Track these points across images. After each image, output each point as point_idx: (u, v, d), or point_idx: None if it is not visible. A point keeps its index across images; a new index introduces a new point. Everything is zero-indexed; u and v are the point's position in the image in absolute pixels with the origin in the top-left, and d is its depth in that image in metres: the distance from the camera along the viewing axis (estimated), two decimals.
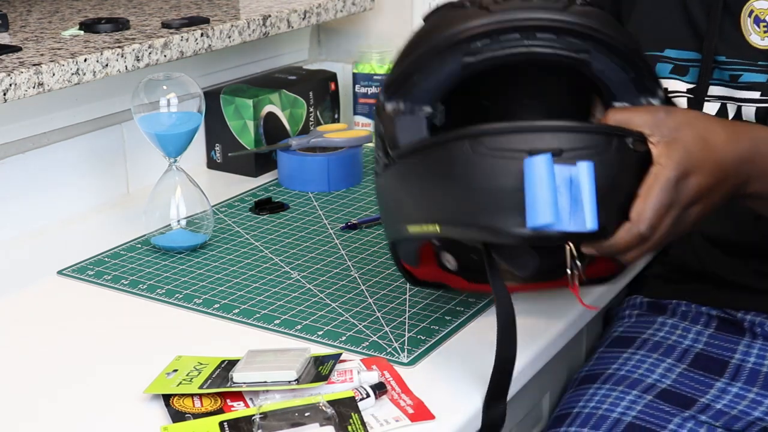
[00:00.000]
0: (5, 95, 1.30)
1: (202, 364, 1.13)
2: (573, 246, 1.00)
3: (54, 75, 1.35)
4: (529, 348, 1.21)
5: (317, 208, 1.61)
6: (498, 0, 1.03)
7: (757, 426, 1.26)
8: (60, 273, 1.40)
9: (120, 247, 1.45)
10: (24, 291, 1.35)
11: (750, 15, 1.28)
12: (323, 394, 1.06)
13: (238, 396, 1.08)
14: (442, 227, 1.02)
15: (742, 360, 1.32)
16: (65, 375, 1.15)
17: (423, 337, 1.21)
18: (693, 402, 1.27)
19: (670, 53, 1.35)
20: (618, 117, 1.00)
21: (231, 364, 1.12)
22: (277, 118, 1.77)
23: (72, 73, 1.38)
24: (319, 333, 1.21)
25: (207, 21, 1.61)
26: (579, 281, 1.01)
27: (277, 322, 1.24)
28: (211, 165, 1.79)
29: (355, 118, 1.94)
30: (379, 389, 1.07)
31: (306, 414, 1.02)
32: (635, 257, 1.00)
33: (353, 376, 1.09)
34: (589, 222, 0.94)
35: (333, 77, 1.89)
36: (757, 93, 1.28)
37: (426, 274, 1.20)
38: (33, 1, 1.76)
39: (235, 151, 1.74)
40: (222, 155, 1.77)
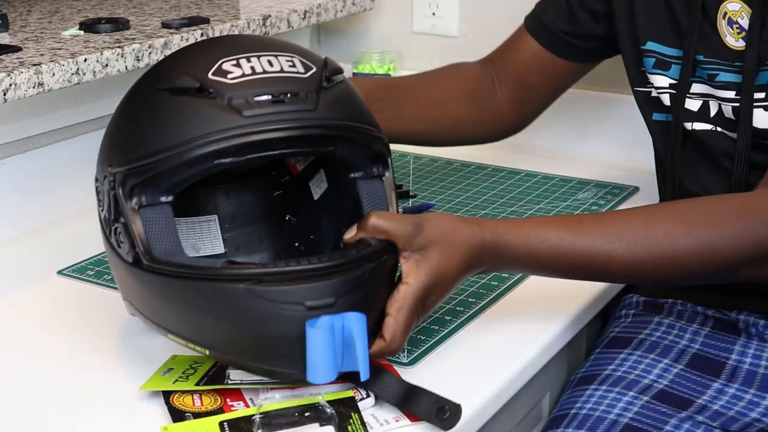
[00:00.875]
0: (5, 95, 1.30)
1: (197, 362, 1.13)
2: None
3: (54, 75, 1.36)
4: (529, 348, 1.21)
5: None
6: (250, 101, 1.04)
7: (755, 427, 1.26)
8: (60, 273, 1.40)
9: None
10: (24, 291, 1.35)
11: (724, 17, 1.29)
12: (323, 394, 1.06)
13: (238, 396, 1.08)
14: (211, 353, 1.07)
15: (738, 361, 1.32)
16: (65, 374, 1.15)
17: (423, 337, 1.21)
18: (690, 403, 1.27)
19: (652, 46, 1.36)
20: (377, 223, 1.08)
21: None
22: None
23: (72, 73, 1.38)
24: None
25: (207, 21, 1.61)
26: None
27: None
28: None
29: None
30: None
31: (306, 414, 1.03)
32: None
33: None
34: (363, 373, 1.02)
35: None
36: (733, 92, 1.29)
37: None
38: (33, 1, 1.76)
39: None
40: None
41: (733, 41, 1.29)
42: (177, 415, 1.05)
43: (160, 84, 1.08)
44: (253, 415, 1.02)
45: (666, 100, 1.36)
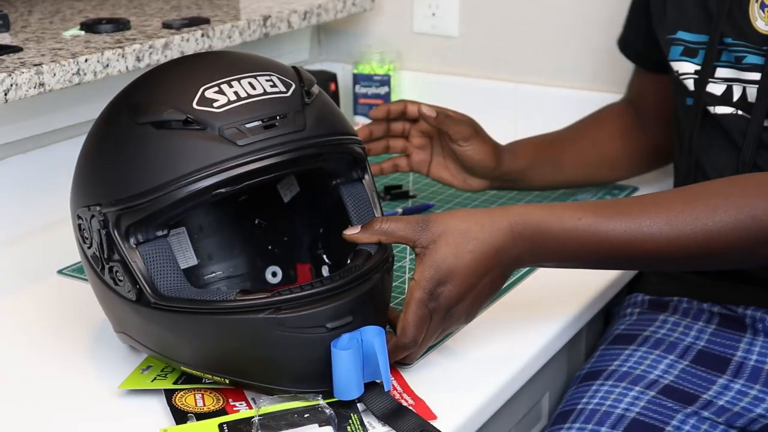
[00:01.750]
0: (6, 95, 1.30)
1: None
2: None
3: (55, 75, 1.36)
4: (529, 348, 1.21)
5: None
6: (242, 129, 1.03)
7: (760, 423, 1.27)
8: (60, 273, 1.40)
9: None
10: (24, 291, 1.36)
11: (757, 0, 1.29)
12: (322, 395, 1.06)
13: (240, 395, 1.09)
14: (232, 381, 1.07)
15: (744, 357, 1.32)
16: (65, 374, 1.16)
17: None
18: (695, 398, 1.28)
19: (682, 35, 1.37)
20: (384, 227, 1.10)
21: None
22: None
23: (73, 74, 1.38)
24: None
25: (207, 21, 1.61)
26: None
27: None
28: None
29: (355, 118, 1.94)
30: None
31: (305, 415, 1.03)
32: (412, 359, 1.13)
33: None
34: (386, 383, 1.05)
35: (333, 77, 1.89)
36: (758, 75, 1.30)
37: None
38: (34, 2, 1.76)
39: None
40: None
41: (763, 25, 1.29)
42: (179, 416, 1.05)
43: (141, 117, 1.05)
44: (253, 417, 1.03)
45: (690, 85, 1.37)
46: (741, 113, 1.33)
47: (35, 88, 1.33)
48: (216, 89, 1.05)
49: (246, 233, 1.29)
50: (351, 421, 1.03)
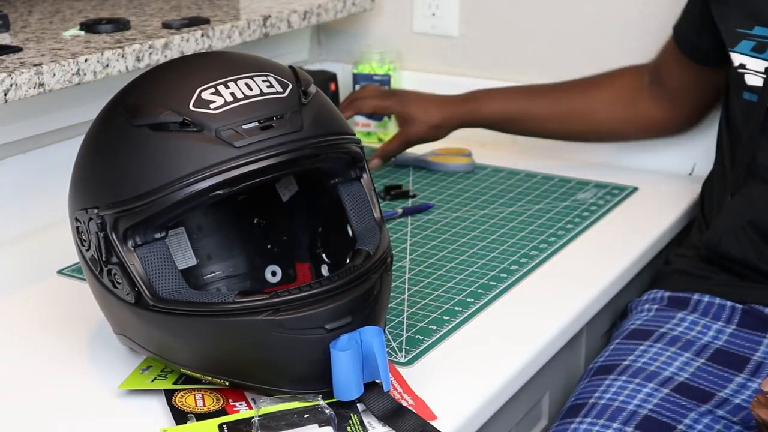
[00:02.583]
0: (6, 95, 1.30)
1: None
2: None
3: (55, 75, 1.36)
4: (529, 347, 1.21)
5: None
6: (239, 130, 1.03)
7: None
8: (60, 273, 1.40)
9: None
10: (24, 291, 1.36)
11: None
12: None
13: (240, 396, 1.09)
14: (231, 383, 1.07)
15: (763, 357, 1.31)
16: (65, 374, 1.16)
17: (421, 337, 1.21)
18: (711, 396, 1.27)
19: (758, 31, 1.36)
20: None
21: None
22: None
23: (73, 74, 1.38)
24: None
25: (207, 21, 1.61)
26: None
27: None
28: None
29: (355, 118, 1.94)
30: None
31: (305, 415, 1.03)
32: None
33: None
34: (385, 384, 1.05)
35: (333, 77, 1.89)
36: None
37: None
38: (34, 2, 1.76)
39: None
40: None
41: None
42: (179, 416, 1.05)
43: (137, 119, 1.05)
44: (253, 417, 1.03)
45: (754, 81, 1.36)
46: None
47: (35, 88, 1.33)
48: (212, 90, 1.05)
49: (245, 233, 1.29)
50: (351, 422, 1.03)
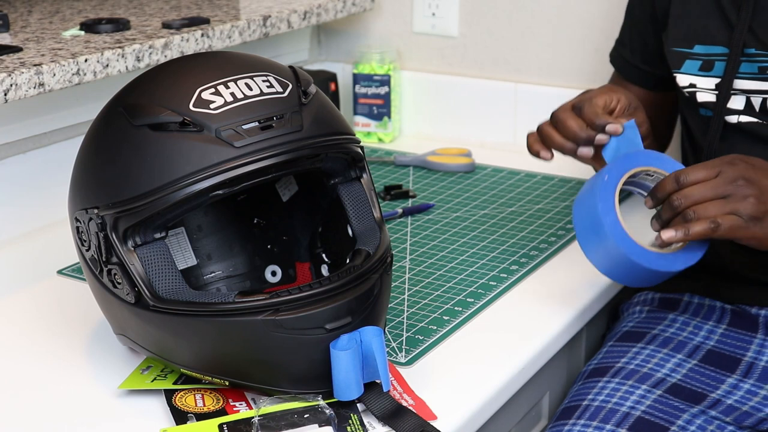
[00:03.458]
0: (6, 95, 1.30)
1: None
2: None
3: (55, 75, 1.36)
4: (529, 348, 1.21)
5: None
6: (238, 130, 1.03)
7: None
8: (60, 273, 1.40)
9: None
10: (24, 291, 1.36)
11: None
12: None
13: (240, 396, 1.09)
14: (231, 383, 1.07)
15: (755, 358, 1.32)
16: (65, 374, 1.16)
17: (421, 337, 1.21)
18: (703, 397, 1.28)
19: (699, 49, 1.35)
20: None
21: None
22: None
23: (73, 74, 1.38)
24: None
25: (207, 21, 1.61)
26: None
27: None
28: None
29: (355, 118, 1.94)
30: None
31: (305, 415, 1.03)
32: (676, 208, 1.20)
33: None
34: (385, 384, 1.05)
35: (333, 77, 1.89)
36: None
37: None
38: (34, 2, 1.76)
39: None
40: None
41: None
42: (179, 416, 1.05)
43: (137, 119, 1.05)
44: (253, 417, 1.03)
45: (707, 98, 1.35)
46: (762, 122, 1.32)
47: (35, 88, 1.33)
48: (212, 90, 1.05)
49: (245, 233, 1.29)
50: (351, 422, 1.03)
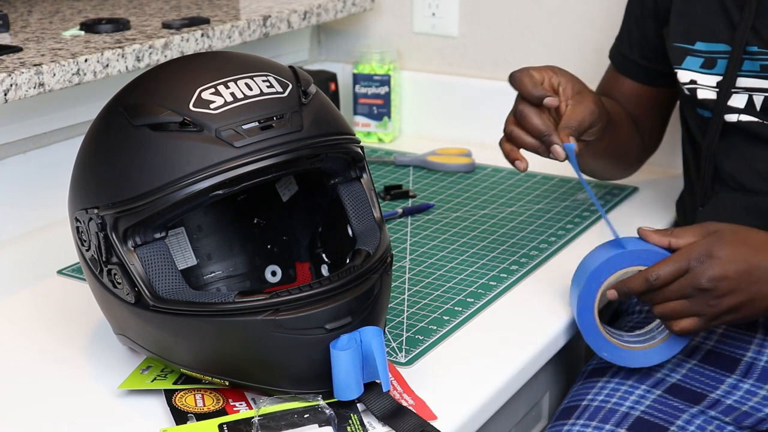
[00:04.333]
0: (6, 95, 1.30)
1: None
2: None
3: (55, 75, 1.36)
4: (529, 348, 1.21)
5: None
6: (238, 130, 1.03)
7: None
8: (60, 273, 1.40)
9: None
10: (24, 291, 1.36)
11: None
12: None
13: (240, 396, 1.09)
14: (231, 383, 1.07)
15: (754, 358, 1.31)
16: (65, 374, 1.16)
17: (421, 337, 1.21)
18: (703, 397, 1.28)
19: (700, 46, 1.35)
20: (656, 239, 1.20)
21: None
22: None
23: (73, 74, 1.38)
24: None
25: (207, 21, 1.61)
26: None
27: None
28: None
29: (355, 118, 1.94)
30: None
31: (305, 415, 1.03)
32: (655, 299, 1.20)
33: None
34: (384, 384, 1.05)
35: (333, 77, 1.89)
36: None
37: None
38: (34, 2, 1.76)
39: None
40: None
41: None
42: (179, 416, 1.05)
43: (137, 119, 1.04)
44: (253, 417, 1.03)
45: (708, 95, 1.35)
46: (763, 122, 1.31)
47: (35, 88, 1.33)
48: (212, 90, 1.05)
49: (245, 233, 1.29)
50: (351, 422, 1.03)
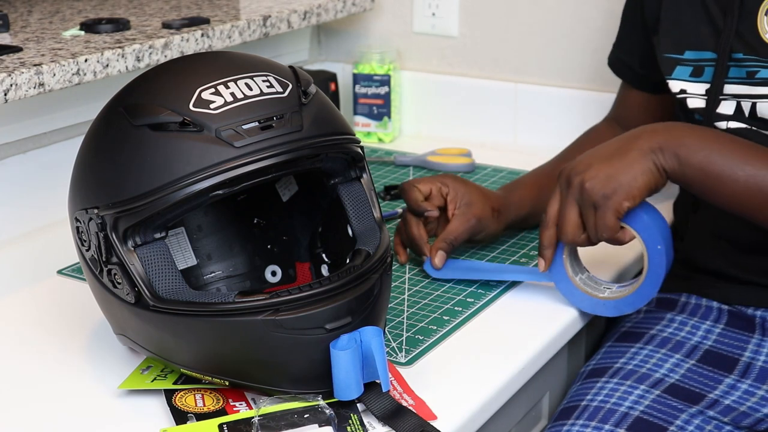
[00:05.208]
0: (6, 95, 1.30)
1: None
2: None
3: (55, 75, 1.36)
4: (529, 348, 1.21)
5: None
6: (238, 130, 1.03)
7: (766, 423, 1.27)
8: (60, 273, 1.40)
9: None
10: (24, 291, 1.36)
11: (767, 14, 1.28)
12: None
13: (240, 396, 1.09)
14: (231, 383, 1.07)
15: (752, 358, 1.32)
16: (65, 374, 1.16)
17: (421, 337, 1.21)
18: (701, 397, 1.28)
19: (689, 55, 1.35)
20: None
21: None
22: None
23: (73, 74, 1.38)
24: None
25: (207, 21, 1.61)
26: None
27: None
28: None
29: (355, 118, 1.94)
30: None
31: (305, 415, 1.03)
32: (555, 236, 1.25)
33: None
34: (384, 384, 1.05)
35: (333, 77, 1.89)
36: None
37: None
38: (34, 2, 1.76)
39: None
40: None
41: None
42: (179, 416, 1.05)
43: (137, 119, 1.04)
44: (253, 417, 1.03)
45: (698, 103, 1.35)
46: (756, 129, 1.31)
47: (35, 88, 1.33)
48: (212, 90, 1.05)
49: (245, 233, 1.29)
50: (351, 422, 1.03)
